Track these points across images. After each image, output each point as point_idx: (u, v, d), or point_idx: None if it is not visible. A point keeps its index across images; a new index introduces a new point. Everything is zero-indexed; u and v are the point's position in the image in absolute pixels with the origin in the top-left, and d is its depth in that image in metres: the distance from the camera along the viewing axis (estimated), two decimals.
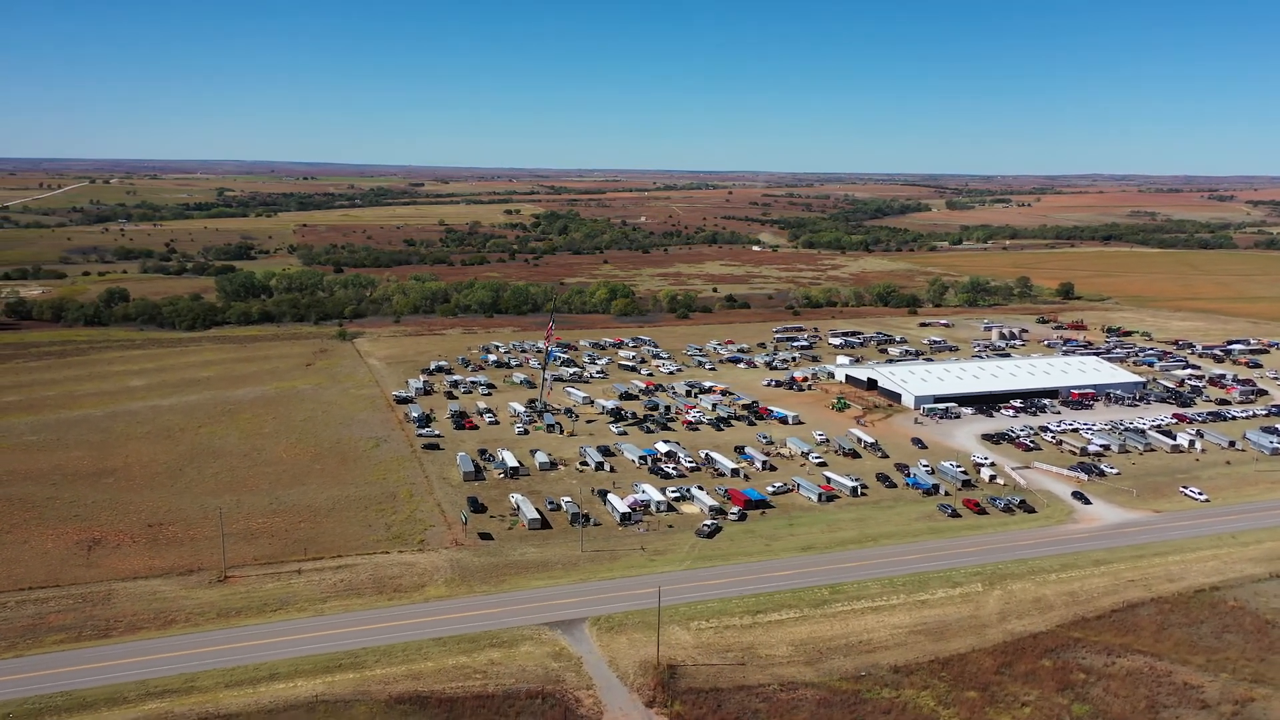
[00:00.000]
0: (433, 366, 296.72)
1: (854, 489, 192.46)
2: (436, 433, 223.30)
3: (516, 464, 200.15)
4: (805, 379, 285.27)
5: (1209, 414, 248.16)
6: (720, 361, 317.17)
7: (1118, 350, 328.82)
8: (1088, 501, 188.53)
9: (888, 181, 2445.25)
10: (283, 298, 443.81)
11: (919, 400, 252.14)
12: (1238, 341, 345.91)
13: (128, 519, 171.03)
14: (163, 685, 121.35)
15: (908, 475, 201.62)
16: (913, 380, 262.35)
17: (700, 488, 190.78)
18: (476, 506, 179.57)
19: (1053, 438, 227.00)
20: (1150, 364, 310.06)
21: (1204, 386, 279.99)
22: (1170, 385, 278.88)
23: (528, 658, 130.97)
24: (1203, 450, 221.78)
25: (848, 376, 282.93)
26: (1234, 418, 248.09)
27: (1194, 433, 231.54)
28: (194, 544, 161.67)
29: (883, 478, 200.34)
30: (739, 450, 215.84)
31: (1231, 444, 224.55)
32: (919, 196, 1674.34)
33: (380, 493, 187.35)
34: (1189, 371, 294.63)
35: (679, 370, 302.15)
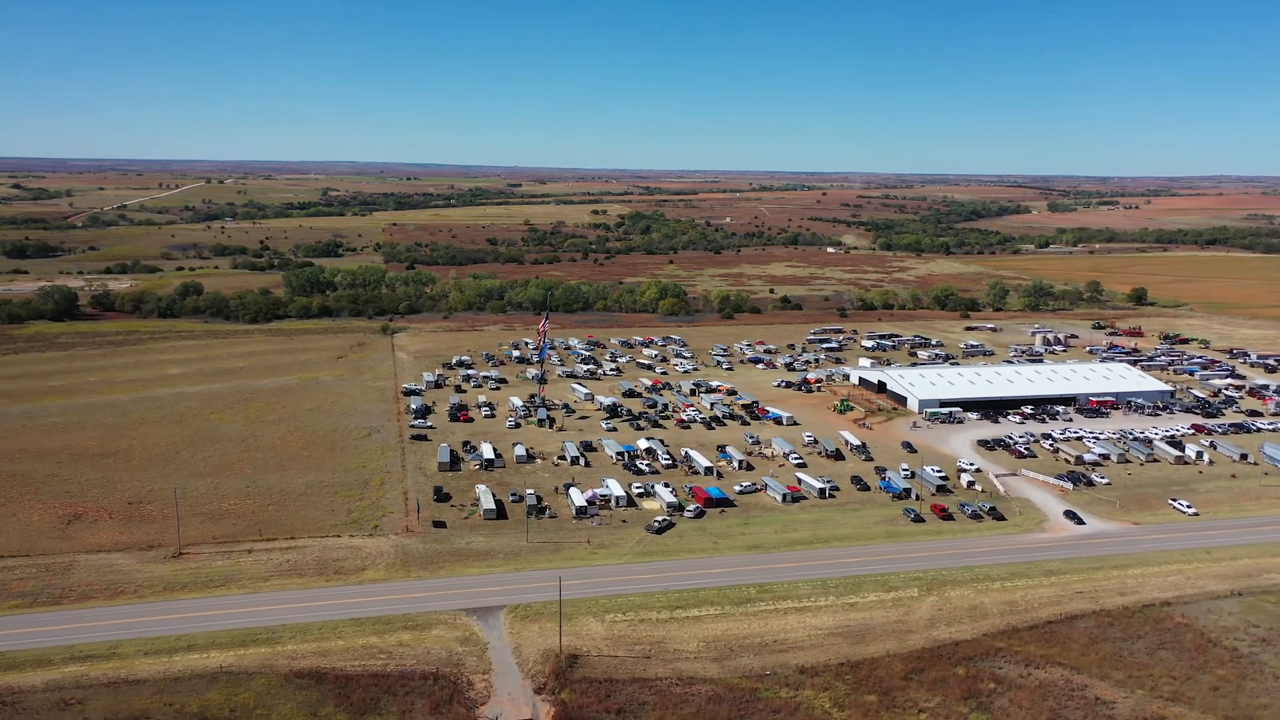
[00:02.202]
0: (454, 361, 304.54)
1: (822, 490, 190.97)
2: (429, 424, 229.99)
3: (492, 456, 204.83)
4: (818, 380, 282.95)
5: (1231, 425, 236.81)
6: (741, 362, 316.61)
7: (1161, 358, 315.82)
8: (1081, 521, 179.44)
9: (997, 183, 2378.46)
10: (343, 293, 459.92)
11: (923, 404, 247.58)
12: None
13: (113, 496, 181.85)
14: (88, 651, 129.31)
15: (882, 479, 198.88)
16: (921, 384, 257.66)
17: (667, 484, 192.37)
18: (441, 495, 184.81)
19: (1050, 445, 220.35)
20: (1191, 372, 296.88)
21: (1240, 397, 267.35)
22: (1201, 395, 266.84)
23: (436, 641, 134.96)
24: (1210, 462, 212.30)
25: (861, 379, 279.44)
26: (1259, 430, 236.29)
27: (1207, 444, 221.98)
28: (165, 522, 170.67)
29: (857, 480, 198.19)
30: (720, 449, 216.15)
31: (1244, 457, 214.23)
32: (1022, 198, 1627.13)
33: (354, 479, 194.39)
34: (1228, 381, 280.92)
35: (695, 369, 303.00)
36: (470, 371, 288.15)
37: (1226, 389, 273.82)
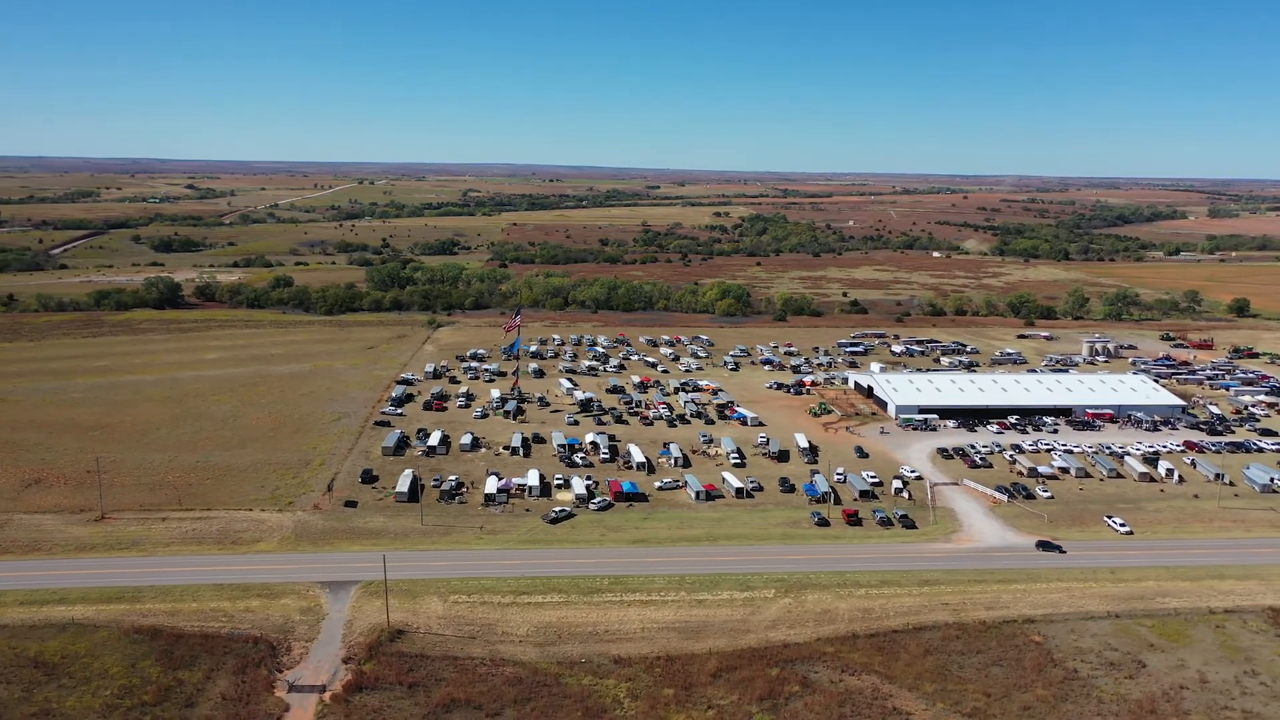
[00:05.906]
0: (469, 354, 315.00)
1: (740, 490, 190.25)
2: (399, 412, 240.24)
3: (435, 443, 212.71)
4: (812, 383, 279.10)
5: (1228, 444, 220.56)
6: (753, 363, 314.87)
7: (1202, 371, 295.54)
8: (1062, 550, 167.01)
9: (1170, 187, 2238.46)
10: (416, 289, 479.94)
11: (900, 409, 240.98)
12: None
13: (76, 465, 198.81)
14: None
15: (809, 482, 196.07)
16: (905, 389, 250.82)
17: (589, 477, 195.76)
18: (368, 477, 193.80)
19: (1010, 457, 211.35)
20: (1228, 387, 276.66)
21: (1265, 415, 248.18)
22: (1218, 411, 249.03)
23: (280, 609, 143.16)
24: (1180, 480, 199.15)
25: (855, 384, 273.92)
26: (1259, 450, 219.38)
27: (1188, 462, 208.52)
28: (111, 489, 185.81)
29: (783, 481, 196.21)
30: (664, 446, 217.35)
31: (1219, 477, 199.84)
32: (1184, 203, 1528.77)
33: (298, 460, 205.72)
34: (1259, 399, 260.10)
35: (699, 369, 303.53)
36: (475, 364, 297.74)
37: (1253, 406, 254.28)
